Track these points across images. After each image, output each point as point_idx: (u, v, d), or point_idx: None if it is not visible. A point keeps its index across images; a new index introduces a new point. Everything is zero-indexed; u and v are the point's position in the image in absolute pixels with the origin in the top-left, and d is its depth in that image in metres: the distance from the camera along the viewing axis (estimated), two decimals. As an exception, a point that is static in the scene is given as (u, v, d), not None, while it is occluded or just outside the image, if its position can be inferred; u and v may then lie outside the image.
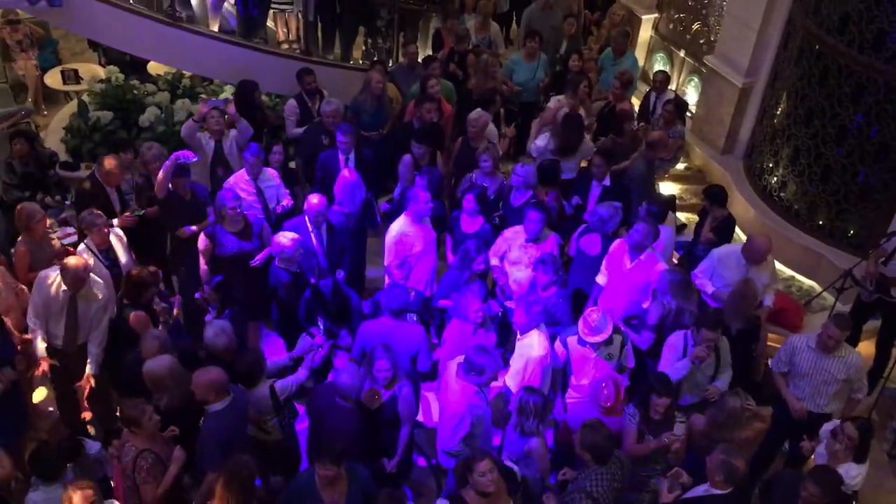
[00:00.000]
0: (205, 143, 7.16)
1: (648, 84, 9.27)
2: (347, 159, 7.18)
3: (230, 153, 7.20)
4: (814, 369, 5.65)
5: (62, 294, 5.59)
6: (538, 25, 9.58)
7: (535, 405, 4.93)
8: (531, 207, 6.37)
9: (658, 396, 5.12)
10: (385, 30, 9.40)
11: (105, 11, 7.59)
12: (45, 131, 8.99)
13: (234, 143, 7.20)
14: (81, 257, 5.70)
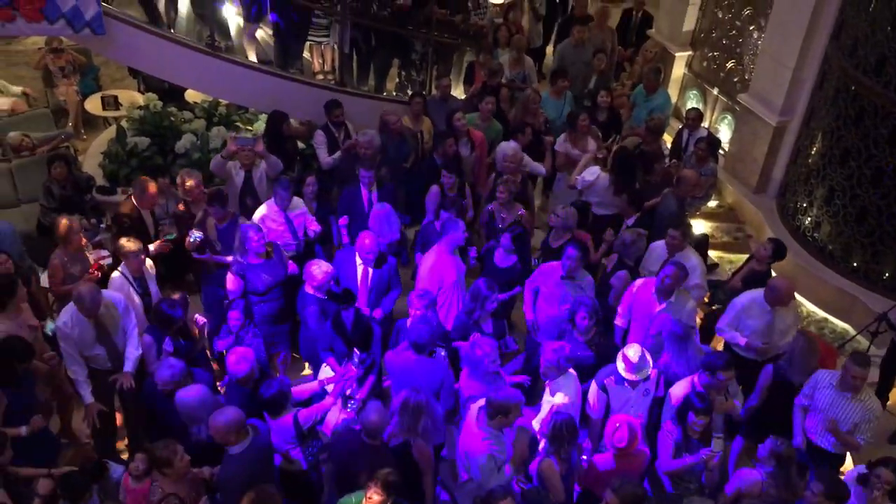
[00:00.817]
0: (234, 173, 7.29)
1: (681, 121, 9.26)
2: (370, 193, 7.26)
3: (259, 184, 7.31)
4: (830, 406, 5.55)
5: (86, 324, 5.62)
6: (570, 61, 9.66)
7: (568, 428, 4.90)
8: (570, 244, 6.36)
9: (696, 415, 5.09)
10: (419, 63, 9.49)
11: (146, 40, 7.74)
12: (83, 156, 9.17)
13: (264, 175, 7.33)
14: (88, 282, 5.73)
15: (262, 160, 7.29)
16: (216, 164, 7.29)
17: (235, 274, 6.26)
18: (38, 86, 10.34)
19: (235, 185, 7.30)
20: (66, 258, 6.30)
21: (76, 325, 5.59)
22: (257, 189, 7.31)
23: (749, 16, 9.26)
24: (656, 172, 7.89)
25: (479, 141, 8.13)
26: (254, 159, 7.25)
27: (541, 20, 11.41)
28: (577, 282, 6.35)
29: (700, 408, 5.10)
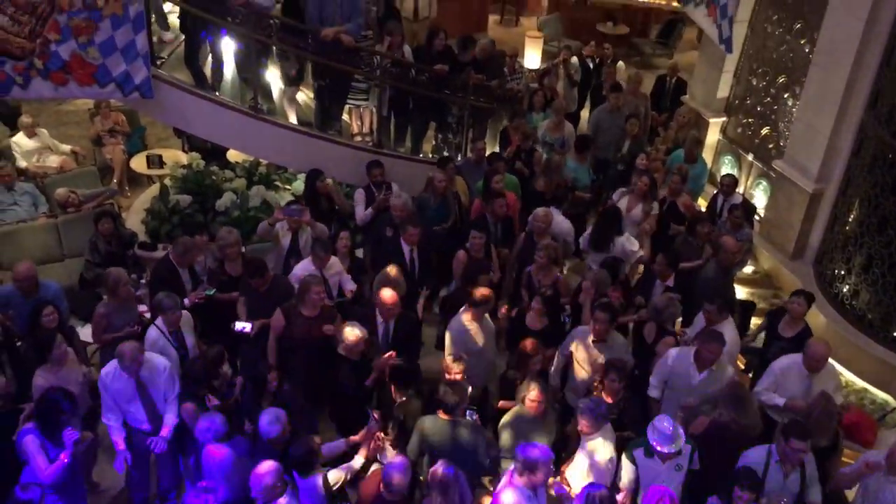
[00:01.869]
0: (282, 234, 7.45)
1: (716, 186, 9.26)
2: (412, 251, 7.34)
3: (305, 247, 7.47)
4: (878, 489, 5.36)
5: (128, 381, 5.74)
6: (606, 126, 9.78)
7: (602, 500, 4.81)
8: (598, 307, 6.35)
9: (741, 489, 4.94)
10: (455, 126, 9.65)
11: (192, 102, 7.99)
12: (127, 212, 9.41)
13: (311, 239, 7.48)
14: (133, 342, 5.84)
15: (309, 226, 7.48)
16: (262, 229, 7.51)
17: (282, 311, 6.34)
18: (87, 144, 10.69)
19: (282, 247, 7.48)
20: (112, 309, 6.48)
21: (117, 379, 5.74)
22: (302, 252, 7.46)
23: (783, 84, 9.32)
24: (699, 234, 7.88)
25: (511, 202, 8.22)
26: (301, 223, 7.43)
27: (576, 86, 11.58)
28: (609, 344, 6.32)
29: (747, 483, 4.94)
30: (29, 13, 6.51)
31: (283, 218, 7.40)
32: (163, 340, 6.17)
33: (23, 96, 7.02)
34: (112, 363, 5.78)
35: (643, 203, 8.20)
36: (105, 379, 5.77)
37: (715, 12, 9.22)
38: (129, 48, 6.97)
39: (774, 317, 7.08)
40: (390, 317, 6.47)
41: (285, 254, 7.48)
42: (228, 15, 7.79)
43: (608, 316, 6.23)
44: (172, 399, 5.91)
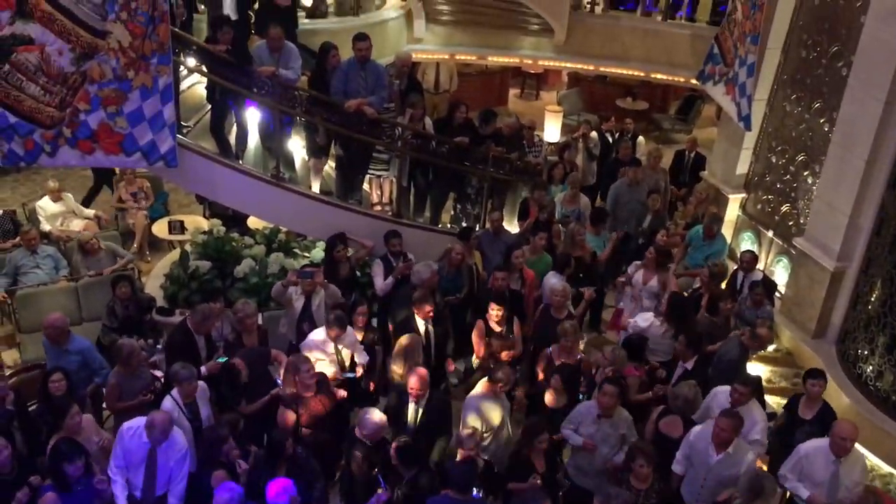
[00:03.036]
0: (294, 298, 7.44)
1: (736, 262, 9.21)
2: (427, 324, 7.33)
3: (317, 311, 7.43)
4: None
5: (144, 446, 5.71)
6: (625, 200, 9.82)
7: None
8: (607, 381, 6.26)
9: None
10: (474, 197, 9.73)
11: (216, 170, 8.10)
12: (147, 277, 9.46)
13: (323, 302, 7.45)
14: (166, 412, 5.84)
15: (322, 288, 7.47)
16: (277, 291, 7.53)
17: (285, 406, 6.28)
18: (111, 209, 10.84)
19: (294, 311, 7.47)
20: (124, 379, 6.50)
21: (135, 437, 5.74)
22: (315, 315, 7.44)
23: (803, 161, 9.34)
24: (721, 313, 7.80)
25: (529, 279, 8.20)
26: (314, 286, 7.42)
27: (595, 159, 11.67)
28: (615, 420, 6.21)
29: None
30: (60, 83, 6.67)
31: (297, 281, 7.40)
32: (177, 412, 6.13)
33: (50, 164, 7.14)
34: (138, 420, 5.78)
35: (658, 274, 8.14)
36: (125, 433, 5.77)
37: (733, 90, 9.33)
38: (157, 118, 7.11)
39: (795, 400, 6.96)
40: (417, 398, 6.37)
41: (297, 318, 7.46)
42: (255, 86, 7.95)
43: (617, 390, 6.14)
44: (179, 479, 5.83)
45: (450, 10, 11.36)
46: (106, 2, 6.55)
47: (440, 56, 12.26)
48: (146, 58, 6.84)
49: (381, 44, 10.55)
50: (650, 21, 11.46)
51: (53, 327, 6.79)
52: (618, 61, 11.78)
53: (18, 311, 8.51)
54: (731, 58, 9.45)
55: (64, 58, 6.61)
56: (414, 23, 11.41)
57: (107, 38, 6.66)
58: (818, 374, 6.79)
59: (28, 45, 6.47)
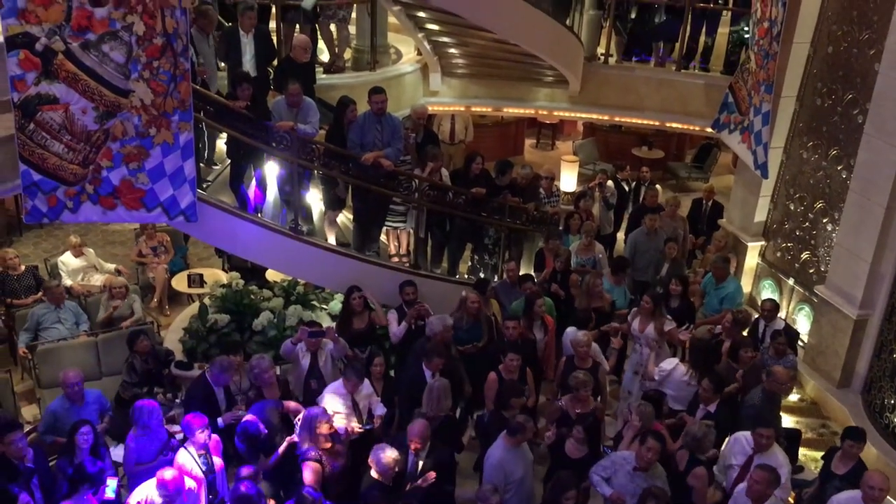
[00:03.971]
0: (301, 356, 7.46)
1: (756, 310, 9.13)
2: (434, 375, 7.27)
3: (325, 367, 7.46)
4: None
5: None
6: (643, 248, 9.80)
7: None
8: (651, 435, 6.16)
9: None
10: (492, 247, 9.75)
11: (235, 224, 8.17)
12: (166, 330, 9.51)
13: (330, 357, 7.48)
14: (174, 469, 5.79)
15: (327, 343, 7.48)
16: (286, 349, 7.53)
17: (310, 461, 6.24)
18: (131, 264, 10.94)
19: (301, 368, 7.47)
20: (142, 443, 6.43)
21: None
22: (322, 372, 7.45)
23: (822, 209, 9.30)
24: (742, 360, 7.71)
25: (551, 326, 8.17)
26: (319, 344, 7.44)
27: (611, 209, 11.69)
28: (651, 473, 6.10)
29: None
30: (84, 141, 6.79)
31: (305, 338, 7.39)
32: (191, 463, 6.09)
33: (73, 220, 7.21)
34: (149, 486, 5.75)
35: (654, 321, 8.08)
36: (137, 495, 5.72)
37: (749, 139, 9.36)
38: (178, 174, 7.20)
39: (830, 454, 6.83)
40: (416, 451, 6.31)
41: (305, 375, 7.45)
42: (273, 141, 8.06)
43: (660, 446, 6.06)
44: None
45: (465, 63, 11.51)
46: (129, 61, 6.69)
47: (456, 108, 12.40)
48: (168, 115, 6.96)
49: (398, 97, 10.70)
50: (664, 71, 11.56)
51: (75, 383, 6.83)
52: (633, 111, 11.85)
53: (38, 367, 8.54)
54: (746, 106, 9.51)
55: (88, 116, 6.73)
56: (430, 76, 11.56)
57: (129, 96, 6.79)
58: (858, 436, 6.65)
59: (53, 105, 6.61)
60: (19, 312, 9.33)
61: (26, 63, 6.43)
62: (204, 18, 8.71)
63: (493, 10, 9.38)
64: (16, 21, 6.30)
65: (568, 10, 10.81)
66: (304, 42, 9.18)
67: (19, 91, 6.49)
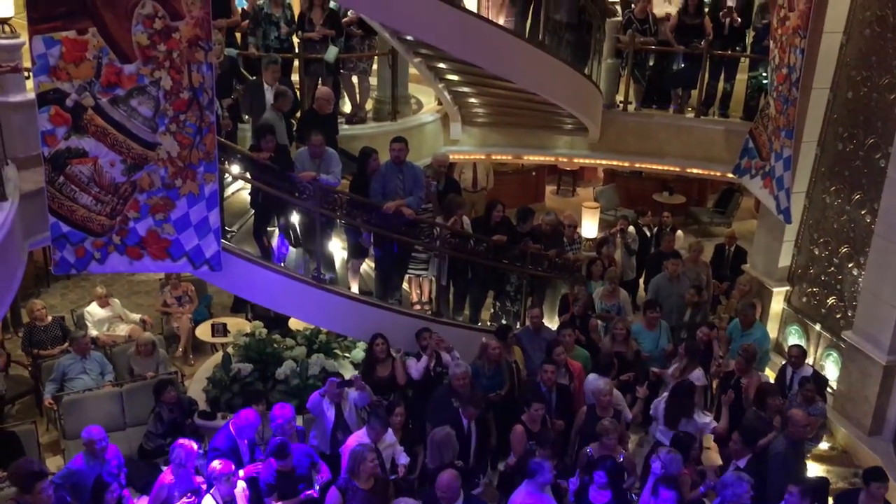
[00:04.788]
0: (326, 409, 7.46)
1: (783, 356, 9.01)
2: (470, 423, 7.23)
3: (350, 417, 7.46)
4: None
5: None
6: (665, 294, 9.73)
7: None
8: (664, 485, 6.07)
9: None
10: (513, 294, 9.74)
11: (258, 273, 8.24)
12: (190, 380, 9.54)
13: (353, 407, 7.48)
14: None
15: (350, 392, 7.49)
16: (314, 403, 7.50)
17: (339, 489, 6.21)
18: (156, 314, 11.03)
19: (327, 420, 7.45)
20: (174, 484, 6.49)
21: None
22: (348, 422, 7.44)
23: (847, 253, 9.22)
24: (770, 408, 7.59)
25: (577, 372, 8.14)
26: (342, 394, 7.44)
27: (633, 254, 11.66)
28: None
29: None
30: (112, 193, 6.92)
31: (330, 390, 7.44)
32: (215, 509, 6.09)
33: (100, 270, 7.32)
34: None
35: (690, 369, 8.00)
36: None
37: (771, 184, 9.34)
38: (203, 224, 7.30)
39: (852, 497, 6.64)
40: None
41: (331, 427, 7.43)
42: (296, 191, 8.16)
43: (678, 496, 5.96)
44: None
45: (485, 112, 11.63)
46: (156, 115, 6.84)
47: (477, 156, 12.49)
48: (193, 166, 7.08)
49: (419, 146, 10.81)
50: (683, 118, 11.61)
51: (99, 440, 6.88)
52: (653, 157, 11.88)
53: (64, 418, 8.57)
54: (767, 151, 9.51)
55: (116, 169, 6.87)
56: (450, 125, 11.69)
57: (156, 149, 6.93)
58: (882, 476, 6.49)
59: (82, 158, 6.75)
60: (45, 363, 9.40)
61: (57, 118, 6.60)
62: (283, 98, 8.92)
63: (512, 60, 9.50)
64: (47, 78, 6.49)
65: (586, 58, 10.92)
66: (327, 94, 9.35)
67: (49, 146, 6.65)
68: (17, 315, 10.99)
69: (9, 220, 6.15)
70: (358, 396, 7.48)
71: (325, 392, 7.41)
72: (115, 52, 6.55)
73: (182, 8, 6.59)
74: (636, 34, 11.31)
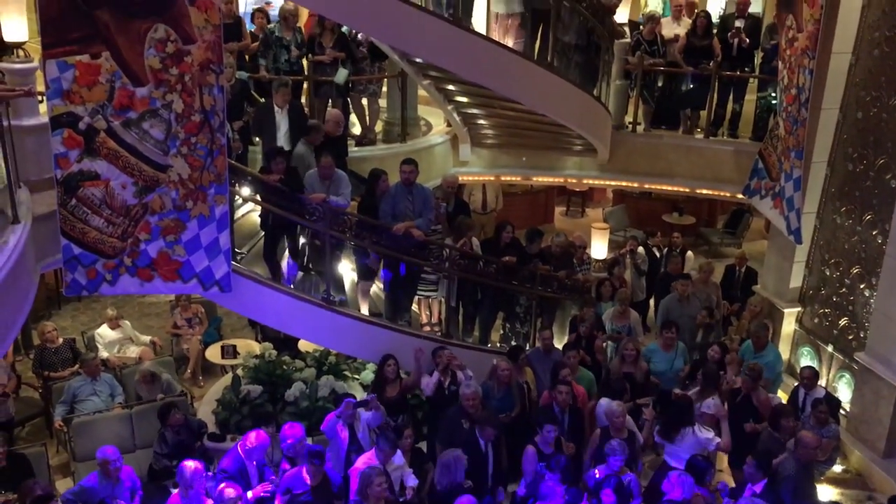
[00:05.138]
0: (339, 431, 7.43)
1: (795, 378, 8.94)
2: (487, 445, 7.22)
3: (363, 438, 7.43)
4: None
5: None
6: (675, 315, 9.69)
7: None
8: None
9: None
10: (523, 316, 9.72)
11: (268, 295, 8.24)
12: (199, 402, 9.54)
13: (366, 427, 7.44)
14: None
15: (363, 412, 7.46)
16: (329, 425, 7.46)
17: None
18: (166, 335, 11.05)
19: (341, 442, 7.41)
20: None
21: None
22: (362, 443, 7.41)
23: (858, 274, 9.17)
24: (784, 430, 7.52)
25: (580, 396, 8.08)
26: (355, 415, 7.42)
27: (643, 275, 11.62)
28: None
29: None
30: (123, 215, 6.95)
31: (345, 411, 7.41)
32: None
33: (110, 292, 7.34)
34: None
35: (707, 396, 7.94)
36: None
37: (781, 204, 9.32)
38: (213, 245, 7.32)
39: None
40: None
41: (345, 449, 7.40)
42: (306, 213, 8.19)
43: None
44: None
45: (494, 133, 11.66)
46: (168, 138, 6.89)
47: (486, 177, 12.52)
48: (204, 188, 7.12)
49: (428, 168, 10.84)
50: (692, 139, 11.61)
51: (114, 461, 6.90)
52: (662, 178, 11.87)
53: (74, 440, 8.57)
54: (777, 172, 9.50)
55: (127, 191, 6.91)
56: (459, 147, 11.72)
57: (168, 171, 6.97)
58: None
59: (94, 181, 6.80)
60: (56, 385, 9.41)
61: (70, 141, 6.65)
62: (315, 132, 9.02)
63: (522, 82, 9.54)
64: (61, 102, 6.55)
65: (595, 80, 10.96)
66: (337, 116, 9.41)
67: (62, 168, 6.70)
68: (28, 337, 11.03)
69: (21, 242, 6.17)
70: (371, 417, 7.45)
71: (340, 413, 7.40)
72: (128, 76, 6.61)
73: (194, 32, 6.65)
74: (645, 55, 11.35)
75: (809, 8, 8.55)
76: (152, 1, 6.46)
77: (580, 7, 9.73)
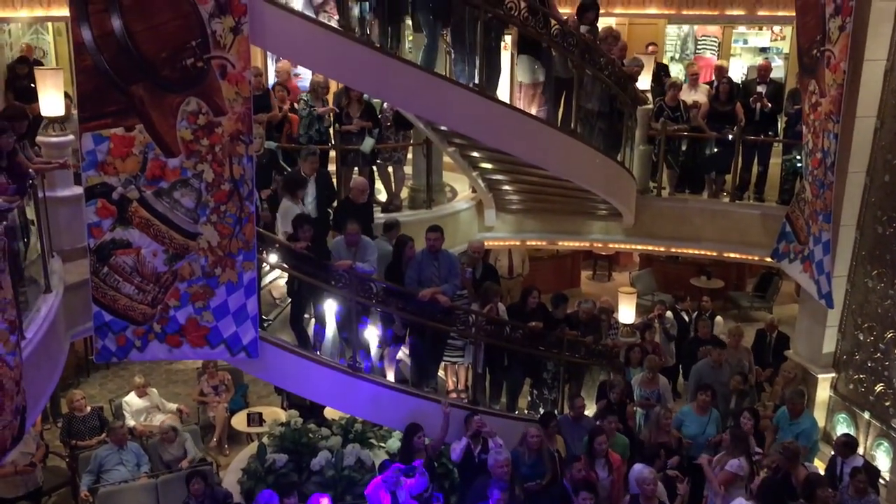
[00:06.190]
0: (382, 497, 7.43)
1: (832, 446, 8.70)
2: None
3: None
4: None
5: None
6: (707, 381, 9.54)
7: None
8: None
9: None
10: (551, 381, 9.61)
11: (294, 362, 8.22)
12: (224, 470, 9.46)
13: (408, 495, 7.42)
14: None
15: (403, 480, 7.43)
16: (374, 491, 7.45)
17: None
18: (192, 403, 11.05)
19: None
20: None
21: None
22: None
23: (892, 339, 8.99)
24: (819, 500, 7.29)
25: (616, 464, 7.93)
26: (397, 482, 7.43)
27: (672, 340, 11.49)
28: None
29: None
30: (153, 282, 7.05)
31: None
32: None
33: (139, 358, 7.39)
34: None
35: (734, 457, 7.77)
36: None
37: (811, 268, 9.22)
38: (241, 311, 7.38)
39: None
40: None
41: None
42: (332, 280, 8.23)
43: None
44: None
45: (519, 199, 11.73)
46: (198, 206, 7.02)
47: (511, 243, 12.55)
48: (233, 255, 7.22)
49: (454, 233, 10.88)
50: (718, 202, 11.59)
51: None
52: (689, 242, 11.81)
53: (99, 510, 8.53)
54: (805, 235, 9.42)
55: (158, 259, 7.02)
56: (484, 212, 11.78)
57: (197, 238, 7.09)
58: None
59: (126, 249, 6.93)
60: (83, 454, 9.41)
61: (103, 211, 6.81)
62: (394, 228, 9.39)
63: (546, 148, 9.62)
64: (95, 173, 6.73)
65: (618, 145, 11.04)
66: (362, 184, 9.52)
67: (95, 237, 6.84)
68: (56, 405, 11.08)
69: (52, 311, 6.27)
70: (415, 483, 7.37)
71: (387, 479, 7.32)
72: (160, 147, 6.79)
73: (225, 104, 6.84)
74: (668, 121, 11.43)
75: (832, 73, 8.59)
76: (186, 76, 6.67)
77: (602, 75, 9.85)
